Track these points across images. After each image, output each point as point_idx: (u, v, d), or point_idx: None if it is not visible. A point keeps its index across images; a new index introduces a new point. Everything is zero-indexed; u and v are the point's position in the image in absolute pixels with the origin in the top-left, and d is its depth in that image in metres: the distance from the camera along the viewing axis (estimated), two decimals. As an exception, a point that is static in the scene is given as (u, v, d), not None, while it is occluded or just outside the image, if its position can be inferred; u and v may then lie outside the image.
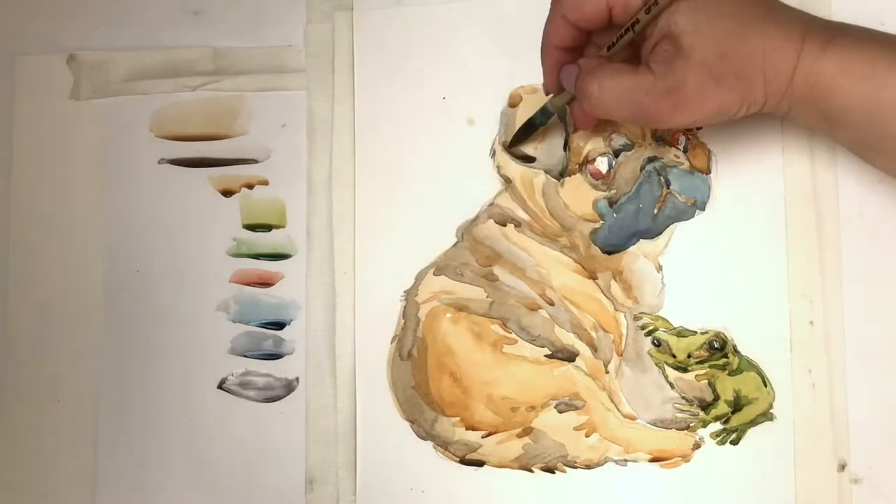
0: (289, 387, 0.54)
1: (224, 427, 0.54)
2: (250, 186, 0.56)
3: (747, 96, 0.43)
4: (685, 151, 0.50)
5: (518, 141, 0.51)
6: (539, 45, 0.47)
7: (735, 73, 0.42)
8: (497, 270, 0.52)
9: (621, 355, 0.51)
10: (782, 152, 0.50)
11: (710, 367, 0.50)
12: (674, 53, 0.43)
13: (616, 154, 0.51)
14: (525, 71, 0.52)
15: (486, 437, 0.51)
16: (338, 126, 0.55)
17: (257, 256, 0.55)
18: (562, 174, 0.51)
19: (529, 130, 0.51)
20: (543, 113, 0.49)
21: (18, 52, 0.59)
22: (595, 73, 0.44)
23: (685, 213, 0.50)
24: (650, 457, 0.50)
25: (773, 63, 0.42)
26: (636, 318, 0.51)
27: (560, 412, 0.51)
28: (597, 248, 0.51)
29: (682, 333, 0.50)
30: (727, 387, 0.49)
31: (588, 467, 0.50)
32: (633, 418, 0.50)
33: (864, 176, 0.50)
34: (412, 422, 0.52)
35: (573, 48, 0.47)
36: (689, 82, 0.42)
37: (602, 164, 0.51)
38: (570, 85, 0.46)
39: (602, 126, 0.51)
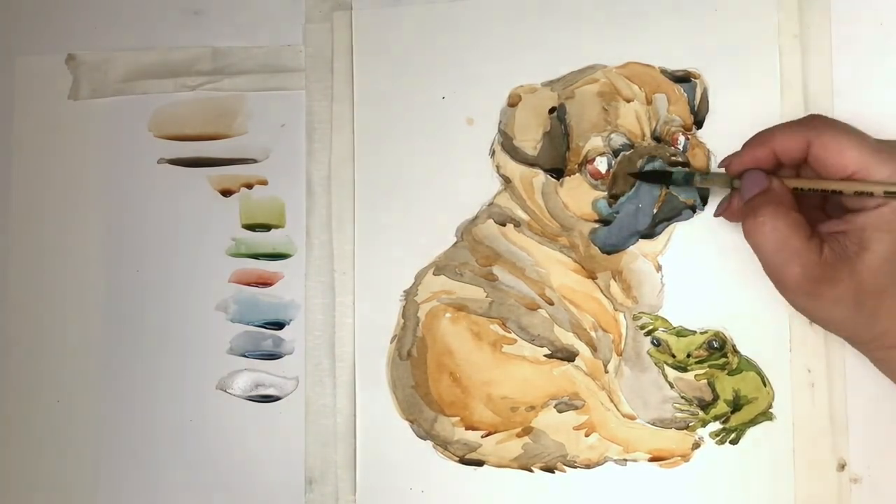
0: (288, 387, 0.54)
1: (223, 427, 0.54)
2: (249, 186, 0.56)
3: (876, 339, 0.43)
4: (684, 151, 0.50)
5: (643, 178, 0.49)
6: (536, 44, 0.46)
7: (885, 329, 0.42)
8: (496, 270, 0.52)
9: (621, 355, 0.51)
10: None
11: (710, 366, 0.49)
12: (849, 258, 0.41)
13: (615, 154, 0.50)
14: (524, 70, 0.52)
15: (485, 436, 0.51)
16: (337, 126, 0.55)
17: (256, 256, 0.55)
18: (560, 173, 0.51)
19: (660, 180, 0.49)
20: (687, 180, 0.47)
21: (18, 52, 0.59)
22: (776, 213, 0.42)
23: (684, 213, 0.50)
24: (649, 456, 0.50)
25: None
26: (635, 318, 0.51)
27: (560, 412, 0.51)
28: (596, 247, 0.51)
29: (681, 333, 0.50)
30: (726, 386, 0.49)
31: (587, 467, 0.50)
32: (632, 418, 0.50)
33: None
34: (412, 421, 0.52)
35: (786, 160, 0.45)
36: (840, 293, 0.41)
37: (601, 164, 0.50)
38: (749, 191, 0.44)
39: (600, 125, 0.51)
